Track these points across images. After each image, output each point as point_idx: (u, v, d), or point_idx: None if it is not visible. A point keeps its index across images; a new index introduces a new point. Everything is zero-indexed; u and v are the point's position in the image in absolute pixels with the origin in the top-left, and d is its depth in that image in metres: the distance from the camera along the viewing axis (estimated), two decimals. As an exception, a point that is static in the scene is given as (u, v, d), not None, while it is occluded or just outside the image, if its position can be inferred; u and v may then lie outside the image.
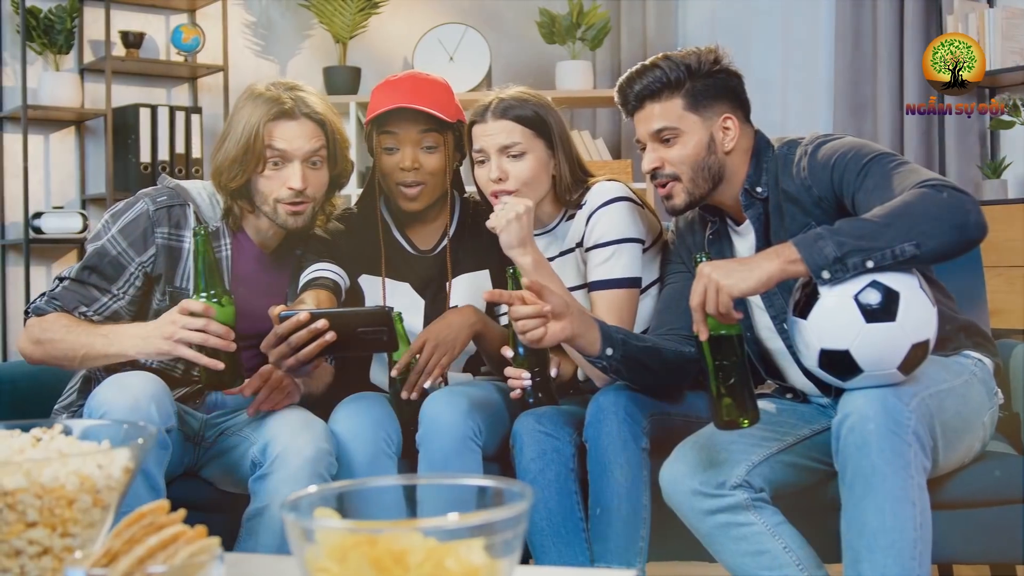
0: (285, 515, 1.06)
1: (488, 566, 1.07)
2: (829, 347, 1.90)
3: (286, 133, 2.23)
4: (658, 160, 2.15)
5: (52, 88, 4.20)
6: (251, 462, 2.16)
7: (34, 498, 1.12)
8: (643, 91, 2.15)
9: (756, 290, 1.90)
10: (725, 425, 1.94)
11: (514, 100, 2.33)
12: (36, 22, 4.14)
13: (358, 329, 2.06)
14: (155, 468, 2.00)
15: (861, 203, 2.01)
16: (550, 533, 2.16)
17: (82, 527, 1.17)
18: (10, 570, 1.14)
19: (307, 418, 2.21)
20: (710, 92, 2.14)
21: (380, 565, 1.04)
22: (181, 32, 4.45)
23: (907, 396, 1.89)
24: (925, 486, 1.87)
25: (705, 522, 2.04)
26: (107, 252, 2.23)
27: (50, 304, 2.21)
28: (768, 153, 2.19)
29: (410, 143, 2.37)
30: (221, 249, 2.31)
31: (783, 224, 2.13)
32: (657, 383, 2.21)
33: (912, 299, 1.89)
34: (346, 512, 1.19)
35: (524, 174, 2.30)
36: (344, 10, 4.57)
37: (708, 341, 1.90)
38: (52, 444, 1.27)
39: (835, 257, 1.84)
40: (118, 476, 1.20)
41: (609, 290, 2.31)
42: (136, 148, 4.25)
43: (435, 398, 2.24)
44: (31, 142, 4.21)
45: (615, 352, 2.09)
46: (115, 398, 1.98)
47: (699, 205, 2.21)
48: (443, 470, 2.14)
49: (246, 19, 4.79)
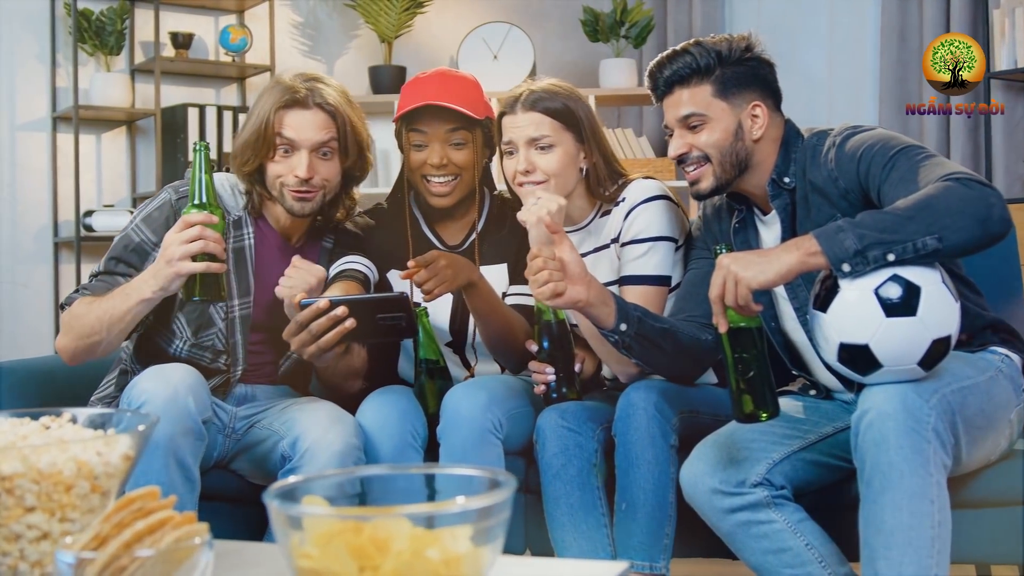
0: (269, 502, 1.07)
1: (471, 554, 1.08)
2: (848, 341, 1.88)
3: (296, 121, 2.26)
4: (685, 146, 2.14)
5: (103, 88, 4.28)
6: (280, 455, 2.19)
7: (31, 483, 1.15)
8: (672, 76, 2.14)
9: (775, 282, 1.88)
10: (745, 418, 1.92)
11: (544, 92, 2.33)
12: (88, 24, 4.23)
13: (377, 316, 2.08)
14: (191, 459, 2.03)
15: (886, 195, 1.98)
16: (571, 528, 2.16)
17: (81, 512, 1.20)
18: (10, 554, 1.17)
19: (337, 413, 2.23)
20: (740, 79, 2.12)
21: (362, 552, 1.05)
22: (229, 33, 4.52)
23: (927, 392, 1.86)
24: (945, 484, 1.84)
25: (726, 520, 2.03)
26: (131, 240, 2.29)
27: (81, 294, 2.27)
28: (797, 143, 2.17)
29: (438, 140, 2.38)
30: (243, 238, 2.35)
31: (809, 216, 2.11)
32: (670, 365, 2.20)
33: (934, 294, 1.86)
34: (371, 500, 1.20)
35: (552, 166, 2.30)
36: (389, 10, 4.61)
37: (727, 334, 1.89)
38: (59, 432, 1.30)
39: (856, 250, 1.82)
40: (117, 463, 1.22)
41: (640, 286, 2.31)
42: (185, 147, 4.31)
43: (457, 391, 2.26)
44: (83, 142, 4.30)
45: (629, 328, 2.08)
46: (154, 389, 2.02)
47: (725, 192, 2.20)
48: (463, 463, 2.15)
49: (294, 19, 4.85)
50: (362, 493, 1.25)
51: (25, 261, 4.25)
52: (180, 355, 2.29)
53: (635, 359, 2.15)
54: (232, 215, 2.34)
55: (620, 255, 2.36)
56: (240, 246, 2.33)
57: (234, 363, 2.32)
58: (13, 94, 4.24)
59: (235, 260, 2.32)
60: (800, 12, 4.85)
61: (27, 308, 4.20)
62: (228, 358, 2.31)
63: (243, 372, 2.33)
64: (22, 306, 4.20)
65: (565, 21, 5.06)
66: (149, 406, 1.99)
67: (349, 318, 2.05)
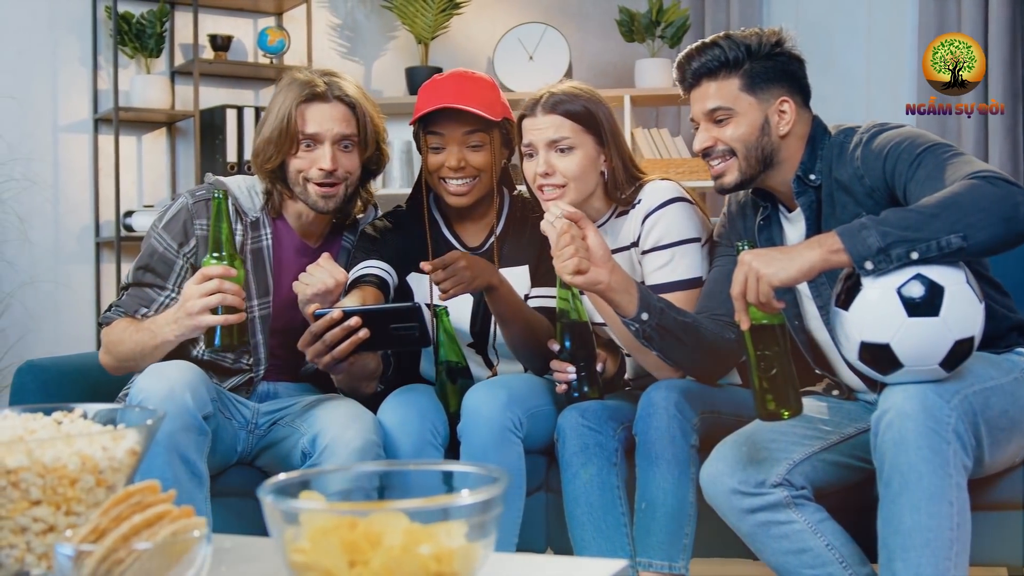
0: (263, 497, 1.09)
1: (464, 549, 1.09)
2: (869, 340, 1.87)
3: (317, 115, 2.30)
4: (710, 139, 2.13)
5: (143, 90, 4.33)
6: (301, 452, 2.21)
7: (36, 477, 1.18)
8: (700, 69, 2.13)
9: (797, 280, 1.87)
10: (767, 416, 1.91)
11: (564, 95, 2.33)
12: (128, 27, 4.28)
13: (391, 325, 2.10)
14: (195, 454, 2.07)
15: (912, 194, 1.96)
16: (591, 527, 2.17)
17: (86, 506, 1.22)
18: (16, 546, 1.20)
19: (356, 410, 2.25)
20: (768, 74, 2.11)
21: (354, 547, 1.06)
22: (267, 35, 4.55)
23: (949, 393, 1.84)
24: (965, 486, 1.83)
25: (745, 521, 2.02)
26: (155, 250, 2.33)
27: (115, 312, 2.34)
28: (824, 140, 2.15)
29: (455, 142, 2.39)
30: (261, 239, 2.37)
31: (834, 213, 2.09)
32: (691, 361, 2.20)
33: (957, 294, 1.84)
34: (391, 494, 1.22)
35: (571, 169, 2.29)
36: (426, 11, 4.62)
37: (749, 331, 1.89)
38: (68, 427, 1.32)
39: (879, 247, 1.81)
40: (122, 458, 1.24)
41: (673, 292, 2.29)
42: (223, 148, 4.36)
43: (477, 390, 2.27)
44: (123, 143, 4.35)
45: (651, 319, 2.08)
46: (151, 386, 2.05)
47: (749, 187, 2.19)
48: (483, 461, 2.16)
49: (331, 21, 4.88)
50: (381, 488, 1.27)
51: (67, 261, 4.31)
52: (203, 356, 2.32)
53: (656, 351, 2.15)
54: (250, 216, 2.37)
55: (642, 263, 2.35)
56: (258, 247, 2.37)
57: (256, 363, 2.35)
58: (56, 96, 4.31)
59: (254, 261, 2.35)
60: (838, 10, 4.81)
61: (68, 307, 4.26)
62: (250, 358, 2.34)
63: (265, 371, 2.36)
64: (64, 305, 4.26)
65: (601, 21, 5.05)
66: (147, 404, 2.02)
67: (363, 328, 2.07)
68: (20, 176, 4.13)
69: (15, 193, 4.11)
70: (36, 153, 4.22)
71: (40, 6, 4.25)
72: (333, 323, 2.06)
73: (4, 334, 4.05)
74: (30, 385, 2.48)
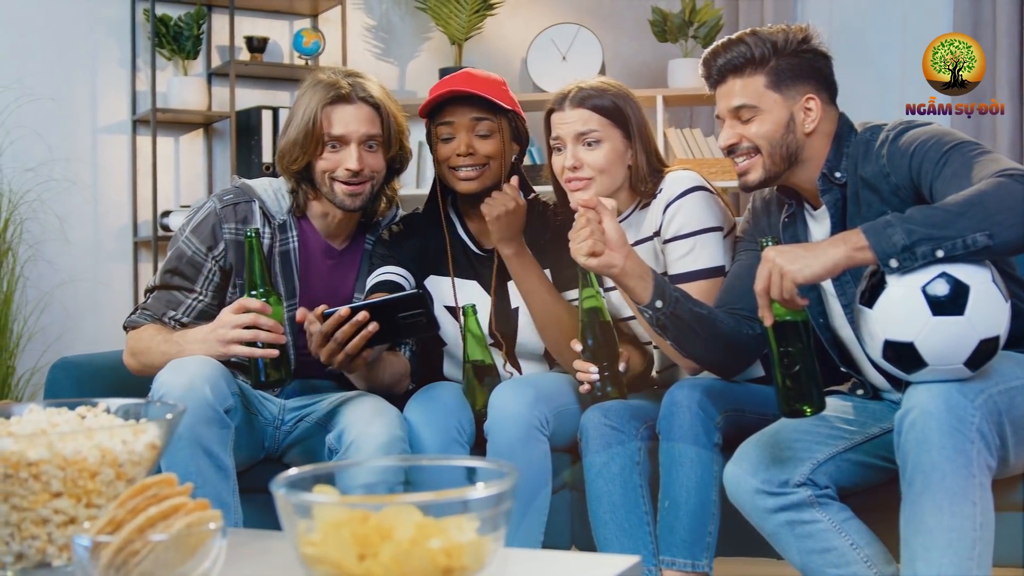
0: (276, 491, 1.11)
1: (475, 543, 1.10)
2: (893, 338, 1.86)
3: (343, 116, 2.32)
4: (735, 136, 2.13)
5: (180, 92, 4.39)
6: (328, 449, 2.24)
7: (57, 469, 1.20)
8: (726, 65, 2.12)
9: (821, 276, 1.86)
10: (789, 413, 1.91)
11: (593, 90, 2.34)
12: (166, 29, 4.34)
13: (398, 316, 2.13)
14: (219, 448, 2.09)
15: (938, 192, 1.94)
16: (614, 526, 2.17)
17: (106, 499, 1.24)
18: (38, 537, 1.22)
19: (381, 405, 2.27)
20: (795, 71, 2.10)
21: (365, 540, 1.08)
22: (302, 36, 4.59)
23: (973, 392, 1.83)
24: (988, 486, 1.81)
25: (769, 521, 2.02)
26: (184, 253, 2.35)
27: (142, 316, 2.37)
28: (850, 138, 2.14)
29: (464, 128, 2.42)
30: (288, 241, 2.40)
31: (860, 212, 2.08)
32: (706, 352, 2.20)
33: (983, 293, 1.83)
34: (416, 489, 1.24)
35: (598, 162, 2.31)
36: (460, 12, 4.65)
37: (772, 327, 1.88)
38: (91, 422, 1.35)
39: (904, 245, 1.79)
40: (142, 451, 1.27)
41: (695, 281, 2.30)
42: (259, 148, 4.40)
43: (504, 388, 2.28)
44: (161, 144, 4.42)
45: (664, 307, 2.09)
46: (172, 380, 2.09)
47: (774, 184, 2.18)
48: (509, 459, 2.18)
49: (366, 23, 4.92)
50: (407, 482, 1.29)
51: (106, 260, 4.38)
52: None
53: (670, 340, 2.15)
54: (277, 219, 2.40)
55: (664, 252, 2.35)
56: (285, 249, 2.40)
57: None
58: (95, 98, 4.37)
59: (281, 263, 2.39)
60: (873, 9, 4.79)
61: (107, 305, 4.32)
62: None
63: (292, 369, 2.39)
64: (102, 304, 4.33)
65: (634, 21, 5.05)
66: (167, 397, 2.05)
67: (371, 322, 2.10)
68: (60, 176, 4.20)
69: (55, 193, 4.18)
70: (75, 154, 4.29)
71: (80, 10, 4.32)
72: (342, 321, 2.09)
73: (44, 332, 4.12)
74: (63, 382, 2.52)
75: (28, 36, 4.21)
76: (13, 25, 4.18)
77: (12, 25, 4.18)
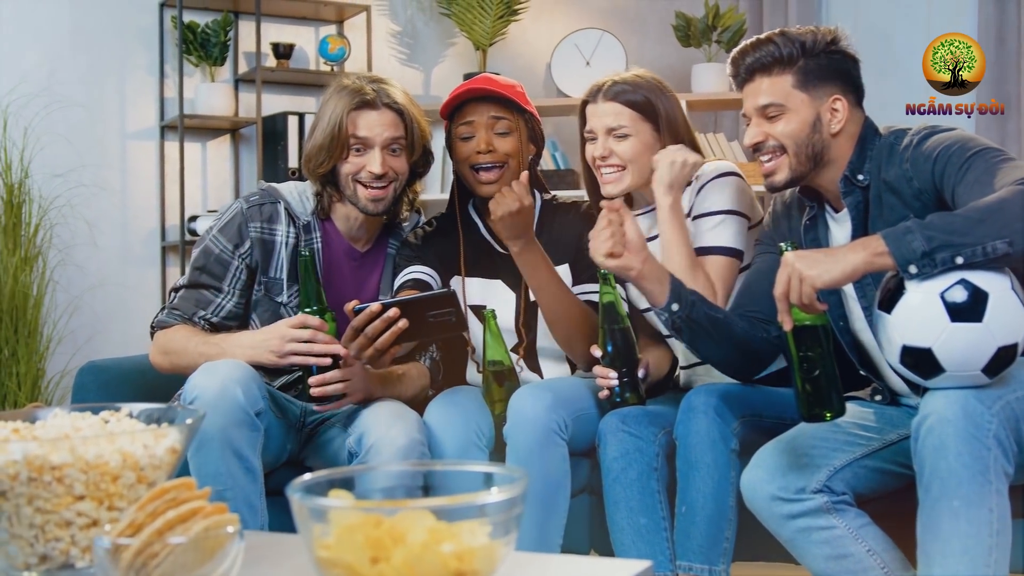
0: (291, 495, 1.13)
1: (486, 547, 1.12)
2: (911, 344, 1.87)
3: (367, 121, 2.38)
4: (761, 135, 2.15)
5: (208, 98, 4.44)
6: (348, 452, 2.26)
7: (79, 473, 1.23)
8: (754, 64, 2.14)
9: (840, 282, 1.87)
10: (809, 418, 1.92)
11: (626, 84, 2.40)
12: (193, 36, 4.39)
13: (428, 314, 2.16)
14: (248, 450, 2.13)
15: (960, 197, 1.95)
16: (631, 532, 2.19)
17: (128, 502, 1.27)
18: (62, 539, 1.25)
19: (401, 410, 2.30)
20: (822, 72, 2.12)
21: (378, 544, 1.10)
22: (328, 43, 4.63)
23: (990, 399, 1.83)
24: (1005, 492, 1.81)
25: (786, 527, 2.03)
26: (211, 251, 2.41)
27: (171, 316, 2.41)
28: (874, 140, 2.15)
29: (483, 127, 2.47)
30: (312, 242, 2.45)
31: (881, 215, 2.09)
32: (720, 356, 2.22)
33: (1002, 300, 1.83)
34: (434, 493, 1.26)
35: (628, 153, 2.38)
36: (484, 18, 4.67)
37: (792, 332, 1.89)
38: (114, 426, 1.38)
39: (923, 251, 1.80)
40: (162, 455, 1.30)
41: (714, 256, 2.35)
42: (285, 154, 4.44)
43: (523, 392, 2.30)
44: (188, 149, 4.47)
45: (680, 310, 2.11)
46: (204, 382, 2.13)
47: (799, 185, 2.20)
48: (528, 463, 2.20)
49: (391, 28, 4.95)
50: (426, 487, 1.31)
51: (134, 264, 4.43)
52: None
53: (685, 343, 2.18)
54: (301, 220, 2.44)
55: (692, 228, 2.39)
56: (309, 249, 2.41)
57: None
58: (124, 104, 4.43)
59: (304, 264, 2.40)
60: (898, 13, 4.78)
61: (135, 309, 4.37)
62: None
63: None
64: (131, 308, 4.38)
65: (657, 26, 5.06)
66: (200, 399, 2.10)
67: (401, 319, 2.12)
68: (89, 182, 4.26)
69: (85, 199, 4.23)
70: (104, 160, 4.35)
71: (109, 17, 4.38)
72: (372, 316, 2.12)
73: (74, 335, 4.18)
74: (91, 385, 2.56)
75: (58, 44, 4.27)
76: (43, 33, 4.24)
77: (42, 33, 4.24)
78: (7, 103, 4.04)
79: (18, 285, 3.89)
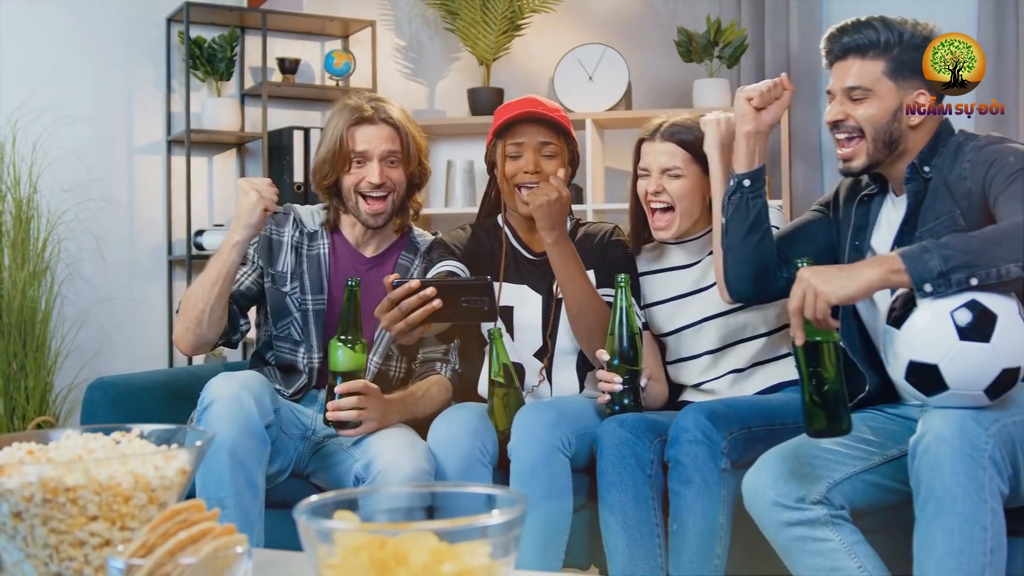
0: (297, 517, 1.16)
1: (487, 568, 1.15)
2: (918, 360, 1.91)
3: (366, 135, 2.57)
4: (842, 113, 2.21)
5: (214, 113, 4.48)
6: (355, 477, 2.30)
7: (93, 494, 1.26)
8: (851, 44, 2.19)
9: (855, 298, 1.91)
10: (815, 433, 1.95)
11: (681, 127, 2.53)
12: (200, 51, 4.43)
13: (462, 299, 2.20)
14: (254, 463, 2.19)
15: (999, 208, 2.01)
16: (624, 535, 2.23)
17: (140, 522, 1.30)
18: (75, 559, 1.28)
19: (409, 437, 2.34)
20: (914, 64, 2.17)
21: (383, 565, 1.13)
22: (333, 57, 4.67)
23: (987, 421, 1.87)
24: (1001, 511, 1.85)
25: (782, 534, 2.06)
26: None
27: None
28: (948, 139, 2.20)
29: (532, 149, 2.58)
30: (318, 247, 2.63)
31: (933, 206, 2.16)
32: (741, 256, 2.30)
33: (1009, 323, 1.88)
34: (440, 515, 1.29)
35: (678, 191, 2.52)
36: (487, 33, 4.71)
37: (803, 347, 1.92)
38: (125, 447, 1.41)
39: (940, 271, 1.85)
40: (173, 476, 1.32)
41: None
42: (290, 168, 4.48)
43: (527, 410, 2.34)
44: (195, 164, 4.50)
45: (749, 188, 2.27)
46: (220, 386, 2.23)
47: (874, 170, 2.26)
48: (531, 479, 2.24)
49: (396, 44, 4.99)
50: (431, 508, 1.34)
51: (141, 278, 4.46)
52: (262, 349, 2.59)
53: (726, 218, 2.29)
54: (307, 228, 2.65)
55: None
56: (315, 252, 2.62)
57: (308, 349, 2.55)
58: (131, 119, 4.47)
59: (309, 263, 2.60)
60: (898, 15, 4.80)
61: (142, 323, 4.41)
62: (305, 353, 2.54)
63: (319, 360, 2.55)
64: (137, 321, 4.42)
65: (660, 42, 5.10)
66: (214, 406, 2.19)
67: (436, 298, 2.17)
68: (97, 197, 4.30)
69: (92, 213, 4.28)
70: (112, 175, 4.40)
71: (116, 33, 4.42)
72: (410, 291, 2.17)
73: (81, 349, 4.22)
74: (100, 401, 2.60)
75: (66, 59, 4.32)
76: (51, 49, 4.29)
77: (50, 49, 4.29)
78: (16, 118, 4.09)
79: (26, 299, 3.93)
